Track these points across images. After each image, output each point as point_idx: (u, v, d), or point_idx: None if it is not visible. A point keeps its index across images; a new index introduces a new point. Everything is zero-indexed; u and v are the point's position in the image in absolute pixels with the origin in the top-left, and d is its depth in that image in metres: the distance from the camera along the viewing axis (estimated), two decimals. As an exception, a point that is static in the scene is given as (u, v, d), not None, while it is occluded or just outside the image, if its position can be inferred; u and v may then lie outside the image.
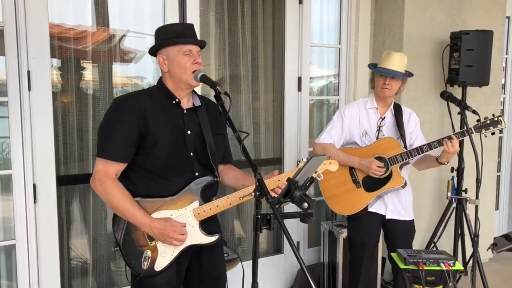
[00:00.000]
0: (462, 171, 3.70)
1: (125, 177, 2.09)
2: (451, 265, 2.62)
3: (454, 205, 3.71)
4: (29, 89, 2.66)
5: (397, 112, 3.00)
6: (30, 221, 2.72)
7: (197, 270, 2.26)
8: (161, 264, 2.10)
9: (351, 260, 3.13)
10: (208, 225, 2.16)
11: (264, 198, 1.71)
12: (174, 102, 2.12)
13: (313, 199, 3.24)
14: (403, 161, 2.85)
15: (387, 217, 3.00)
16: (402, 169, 2.93)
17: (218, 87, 1.96)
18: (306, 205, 1.69)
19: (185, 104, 2.16)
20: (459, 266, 2.66)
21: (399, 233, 3.03)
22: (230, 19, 3.54)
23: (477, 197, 3.22)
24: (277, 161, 3.83)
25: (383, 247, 3.38)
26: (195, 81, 2.08)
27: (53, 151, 2.77)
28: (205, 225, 2.15)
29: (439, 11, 3.94)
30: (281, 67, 3.75)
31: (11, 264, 2.79)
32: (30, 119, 2.68)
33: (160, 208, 2.09)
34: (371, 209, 2.97)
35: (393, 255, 2.82)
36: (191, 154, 2.12)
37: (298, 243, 3.93)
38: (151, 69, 3.28)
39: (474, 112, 3.05)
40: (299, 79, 3.79)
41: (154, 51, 2.14)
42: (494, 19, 4.24)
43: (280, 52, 3.75)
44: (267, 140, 3.83)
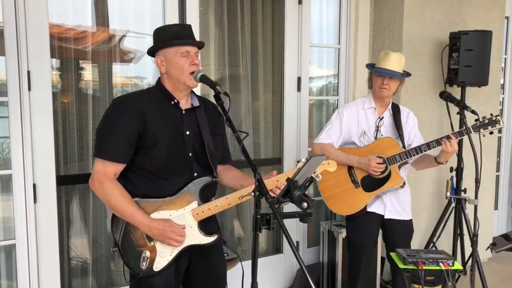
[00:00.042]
0: (461, 171, 3.71)
1: (124, 178, 2.09)
2: (450, 264, 2.62)
3: (453, 205, 3.71)
4: (29, 89, 2.67)
5: (395, 112, 3.00)
6: (30, 221, 2.72)
7: (196, 270, 2.26)
8: (159, 264, 2.10)
9: (349, 260, 3.14)
10: (206, 225, 2.16)
11: (263, 198, 1.72)
12: (172, 102, 2.13)
13: (312, 199, 3.23)
14: (402, 160, 2.85)
15: (385, 217, 3.00)
16: (400, 169, 2.94)
17: (217, 87, 1.96)
18: (305, 205, 1.70)
19: (184, 104, 2.16)
20: (458, 265, 2.66)
21: (398, 233, 3.03)
22: (229, 19, 3.54)
23: (476, 197, 3.22)
24: (277, 161, 3.84)
25: (382, 247, 3.39)
26: (192, 82, 2.09)
27: (53, 151, 2.78)
28: (204, 226, 2.15)
29: (438, 11, 3.95)
30: (280, 67, 3.75)
31: (11, 264, 2.79)
32: (30, 119, 2.68)
33: (159, 208, 2.09)
34: (369, 209, 2.97)
35: (392, 255, 2.82)
36: (190, 154, 2.13)
37: (297, 243, 3.94)
38: (151, 69, 3.29)
39: (473, 112, 3.05)
40: (299, 79, 3.80)
41: (152, 52, 2.15)
42: (493, 19, 4.24)
43: (279, 52, 3.75)
44: (267, 140, 3.83)
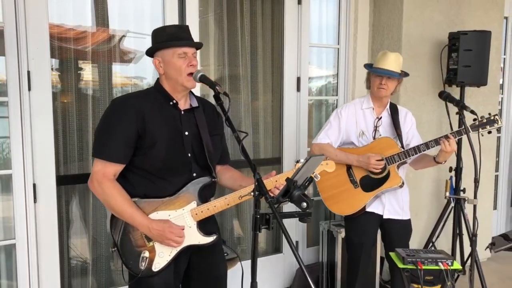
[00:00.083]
0: (460, 171, 3.71)
1: (123, 178, 2.09)
2: (449, 264, 2.62)
3: (452, 205, 3.72)
4: (29, 89, 2.67)
5: (393, 112, 3.01)
6: (30, 221, 2.73)
7: (197, 270, 2.26)
8: (158, 264, 2.10)
9: (348, 260, 3.14)
10: (205, 225, 2.17)
11: (263, 197, 1.72)
12: (171, 103, 2.13)
13: (312, 198, 3.24)
14: (400, 160, 2.86)
15: (384, 217, 3.01)
16: (399, 168, 2.94)
17: (217, 87, 1.97)
18: (305, 204, 1.70)
19: (183, 105, 2.16)
20: (457, 265, 2.66)
21: (397, 233, 3.03)
22: (229, 19, 3.54)
23: (475, 197, 3.23)
24: (276, 161, 3.84)
25: (381, 246, 3.39)
26: (190, 84, 2.09)
27: (53, 151, 2.78)
28: (203, 226, 2.15)
29: (438, 11, 3.95)
30: (280, 67, 3.76)
31: (11, 263, 2.79)
32: (30, 119, 2.68)
33: (158, 208, 2.09)
34: (368, 209, 2.98)
35: (392, 254, 2.82)
36: (189, 154, 2.13)
37: (297, 242, 3.94)
38: (150, 70, 3.28)
39: (472, 112, 3.06)
40: (298, 79, 3.80)
41: (150, 53, 2.15)
42: (492, 19, 4.25)
43: (279, 52, 3.75)
44: (266, 140, 3.83)
